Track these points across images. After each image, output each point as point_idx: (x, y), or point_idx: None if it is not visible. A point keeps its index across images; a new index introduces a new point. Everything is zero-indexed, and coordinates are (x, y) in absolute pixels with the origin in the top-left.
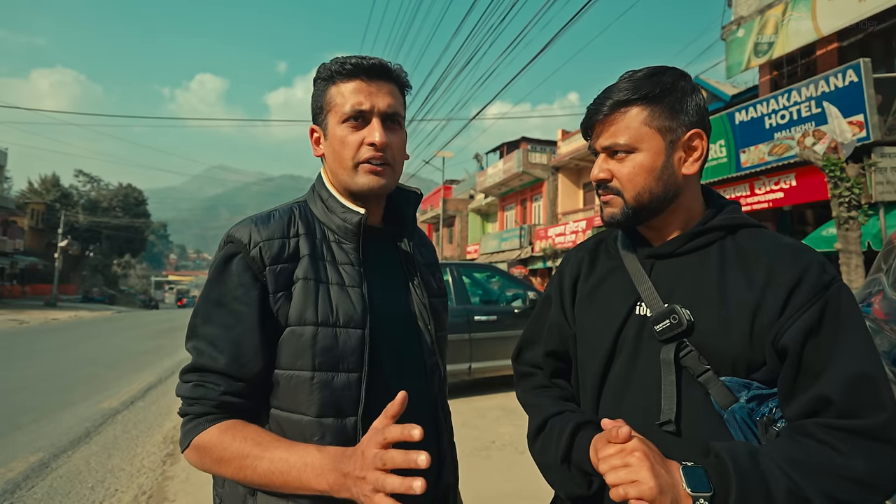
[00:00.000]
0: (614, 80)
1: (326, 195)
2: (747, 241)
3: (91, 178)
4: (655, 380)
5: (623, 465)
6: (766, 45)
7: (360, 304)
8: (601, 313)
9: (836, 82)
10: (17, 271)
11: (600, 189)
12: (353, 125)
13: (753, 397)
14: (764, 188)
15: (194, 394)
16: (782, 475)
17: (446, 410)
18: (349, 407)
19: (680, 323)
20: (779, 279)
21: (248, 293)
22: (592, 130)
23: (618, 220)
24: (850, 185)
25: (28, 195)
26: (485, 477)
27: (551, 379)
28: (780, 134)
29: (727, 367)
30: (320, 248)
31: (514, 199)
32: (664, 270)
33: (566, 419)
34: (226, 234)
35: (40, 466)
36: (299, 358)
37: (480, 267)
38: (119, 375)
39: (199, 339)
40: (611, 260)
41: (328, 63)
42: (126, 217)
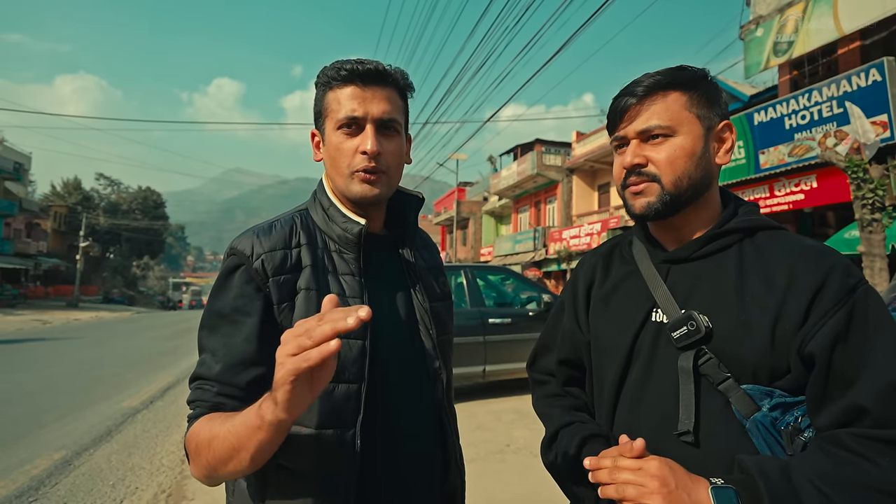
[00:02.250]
0: (629, 81)
1: (327, 203)
2: (767, 243)
3: (111, 181)
4: (673, 388)
5: (637, 484)
6: (786, 44)
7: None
8: (616, 320)
9: (858, 82)
10: (40, 272)
11: (633, 177)
12: (348, 132)
13: (777, 405)
14: (784, 190)
15: (192, 397)
16: (816, 492)
17: (451, 414)
18: (349, 418)
19: (698, 330)
20: (801, 283)
21: (250, 304)
22: (623, 115)
23: (655, 209)
24: (874, 187)
25: (51, 198)
26: (499, 480)
27: (564, 387)
28: (800, 135)
29: (748, 375)
30: (321, 259)
31: (528, 201)
32: (680, 275)
33: (574, 431)
34: (228, 246)
35: (63, 464)
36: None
37: (495, 269)
38: (139, 375)
39: (203, 351)
40: (625, 265)
41: (326, 67)
42: (145, 219)
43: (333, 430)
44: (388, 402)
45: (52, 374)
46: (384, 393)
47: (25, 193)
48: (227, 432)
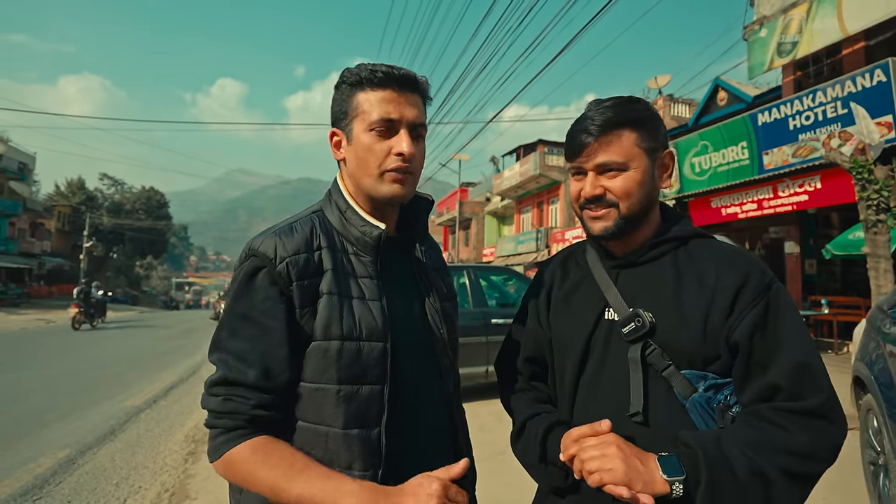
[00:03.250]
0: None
1: (344, 206)
2: (698, 249)
3: (115, 181)
4: (624, 377)
5: (600, 456)
6: (790, 44)
7: (380, 317)
8: (574, 319)
9: (863, 82)
10: (44, 272)
11: (592, 205)
12: (381, 133)
13: (710, 387)
14: (788, 191)
15: (225, 408)
16: (743, 456)
17: (461, 410)
18: (373, 418)
19: (644, 325)
20: (725, 282)
21: (275, 307)
22: (582, 151)
23: (611, 232)
24: (879, 188)
25: (55, 198)
26: (501, 481)
27: (530, 382)
28: (804, 135)
29: (685, 362)
30: (341, 262)
31: (530, 201)
32: (628, 279)
33: (540, 421)
34: (248, 247)
35: (67, 462)
36: (325, 372)
37: (497, 269)
38: (142, 374)
39: (225, 353)
40: (580, 271)
41: (355, 69)
42: (148, 219)
43: (359, 429)
44: (404, 401)
45: (55, 372)
46: (401, 392)
47: (30, 193)
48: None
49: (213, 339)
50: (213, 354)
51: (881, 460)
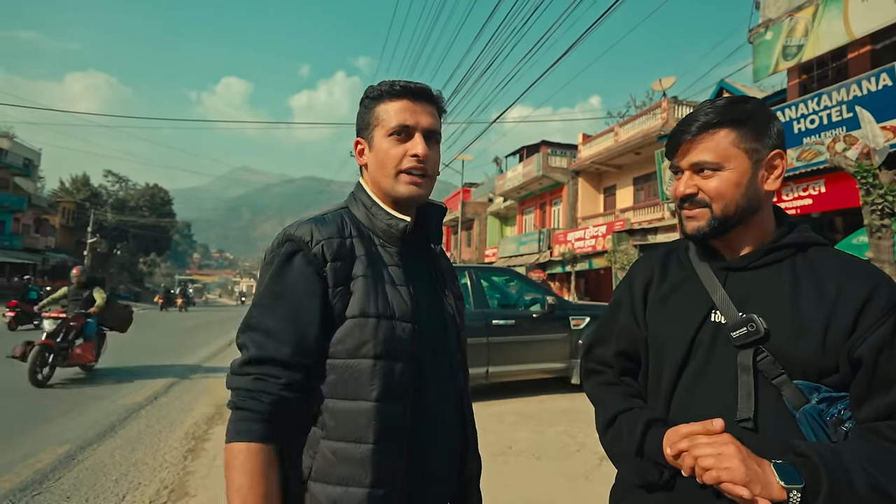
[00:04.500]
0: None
1: (370, 203)
2: (818, 258)
3: (119, 178)
4: (729, 381)
5: (716, 454)
6: (796, 47)
7: (409, 300)
8: (676, 319)
9: (868, 86)
10: (48, 268)
11: (686, 203)
12: (398, 139)
13: (823, 399)
14: (792, 194)
15: (255, 387)
16: (862, 471)
17: (469, 404)
18: (402, 394)
19: (758, 331)
20: (850, 294)
21: (312, 287)
22: (678, 149)
23: (704, 233)
24: (884, 193)
25: (59, 194)
26: (501, 482)
27: (620, 377)
28: (809, 139)
29: (799, 373)
30: (371, 250)
31: (533, 202)
32: (737, 282)
33: (636, 415)
34: (283, 234)
35: (67, 458)
36: (363, 346)
37: (499, 270)
38: (142, 371)
39: (257, 332)
40: (683, 270)
41: (377, 85)
42: (152, 216)
43: (390, 403)
44: (422, 386)
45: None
46: (422, 375)
47: (34, 189)
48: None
49: (244, 321)
50: (243, 335)
51: None
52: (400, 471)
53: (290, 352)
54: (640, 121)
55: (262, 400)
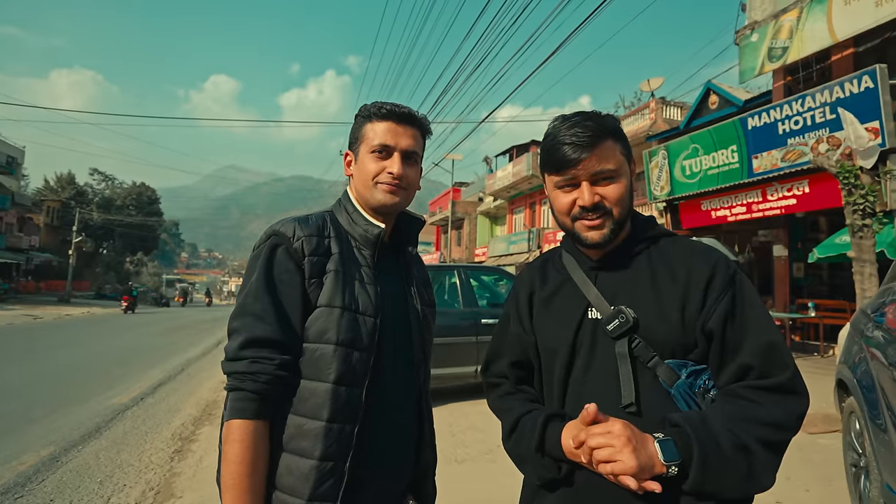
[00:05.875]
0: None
1: (352, 209)
2: (667, 247)
3: (106, 176)
4: (612, 371)
5: (607, 446)
6: (781, 49)
7: (374, 298)
8: (558, 320)
9: (851, 88)
10: (32, 267)
11: (591, 213)
12: (379, 156)
13: (691, 373)
14: (776, 194)
15: (251, 369)
16: (726, 431)
17: (428, 401)
18: (359, 380)
19: (628, 321)
20: (696, 276)
21: (293, 278)
22: (576, 161)
23: (608, 240)
24: (865, 193)
25: (44, 192)
26: (491, 480)
27: (517, 386)
28: (793, 140)
29: (668, 352)
30: (347, 251)
31: (522, 202)
32: (606, 279)
33: (536, 414)
34: (269, 230)
35: (51, 460)
36: (326, 332)
37: (488, 270)
38: (130, 372)
39: (249, 316)
40: (560, 274)
41: (368, 105)
42: (139, 215)
43: (346, 387)
44: (382, 377)
45: (42, 369)
46: (380, 368)
47: (18, 187)
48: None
49: (236, 307)
50: (236, 320)
51: (862, 462)
52: (348, 449)
53: (280, 333)
54: (629, 121)
55: (259, 380)
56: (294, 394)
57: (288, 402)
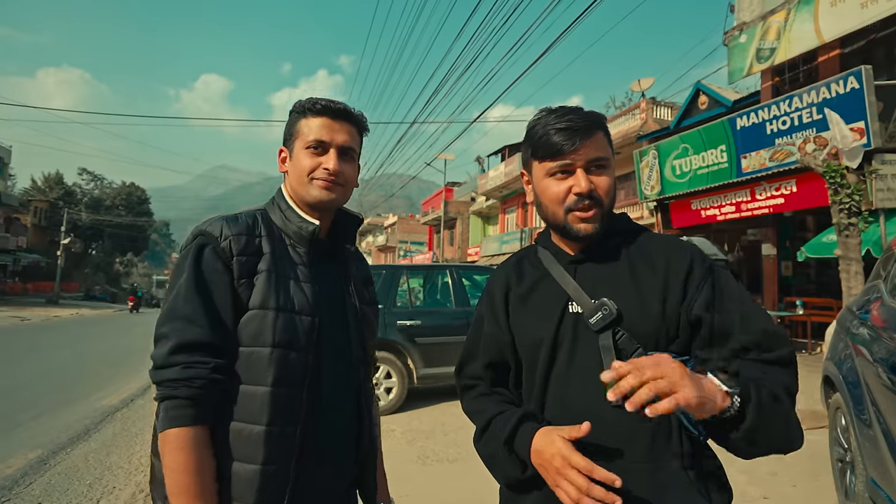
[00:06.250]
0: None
1: (285, 206)
2: (644, 241)
3: (95, 176)
4: (596, 365)
5: (663, 377)
6: (768, 50)
7: (311, 296)
8: (537, 315)
9: (837, 89)
10: (19, 268)
11: (585, 202)
12: (314, 152)
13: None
14: (765, 194)
15: (185, 374)
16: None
17: (368, 398)
18: (296, 381)
19: (611, 312)
20: (675, 268)
21: (222, 278)
22: (573, 146)
23: (597, 232)
24: (851, 192)
25: (31, 192)
26: (482, 479)
27: (492, 388)
28: (781, 140)
29: (652, 343)
30: (279, 249)
31: (515, 201)
32: (585, 273)
33: (510, 414)
34: (195, 229)
35: (39, 463)
36: (261, 335)
37: (480, 269)
38: (119, 373)
39: (179, 320)
40: (537, 270)
41: (303, 101)
42: (129, 215)
43: (286, 389)
44: (321, 376)
45: (30, 371)
46: (319, 368)
47: (5, 187)
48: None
49: (163, 312)
50: (164, 325)
51: (848, 457)
52: (291, 451)
53: (213, 336)
54: (620, 121)
55: (194, 385)
56: (232, 398)
57: (227, 408)
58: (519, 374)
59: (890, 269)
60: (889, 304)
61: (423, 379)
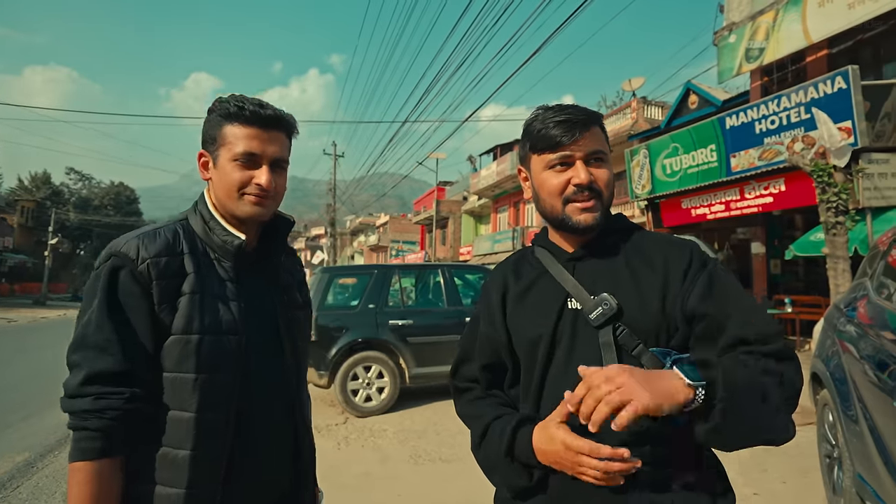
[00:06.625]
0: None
1: (209, 216)
2: (640, 239)
3: (82, 175)
4: (595, 361)
5: (615, 390)
6: (757, 50)
7: (238, 315)
8: (535, 313)
9: (825, 89)
10: (5, 269)
11: (585, 192)
12: (244, 165)
13: (675, 361)
14: (754, 192)
15: (96, 406)
16: (740, 375)
17: (303, 409)
18: (222, 403)
19: (612, 308)
20: (674, 263)
21: (140, 303)
22: (574, 138)
23: (598, 223)
24: (838, 191)
25: (18, 192)
26: (475, 478)
27: (487, 390)
28: (769, 139)
29: (652, 339)
30: (204, 265)
31: (507, 201)
32: (584, 270)
33: (507, 419)
34: (109, 248)
35: (26, 466)
36: (185, 361)
37: (472, 268)
38: None
39: (90, 349)
40: (535, 269)
41: (227, 101)
42: (117, 215)
43: (212, 414)
44: (251, 395)
45: (17, 373)
46: (248, 386)
47: None
48: None
49: (75, 337)
50: (75, 353)
51: (836, 453)
52: (217, 474)
53: (126, 364)
54: (611, 120)
55: (106, 416)
56: (157, 423)
57: (152, 432)
58: (514, 374)
59: (876, 266)
60: (875, 301)
61: (415, 378)
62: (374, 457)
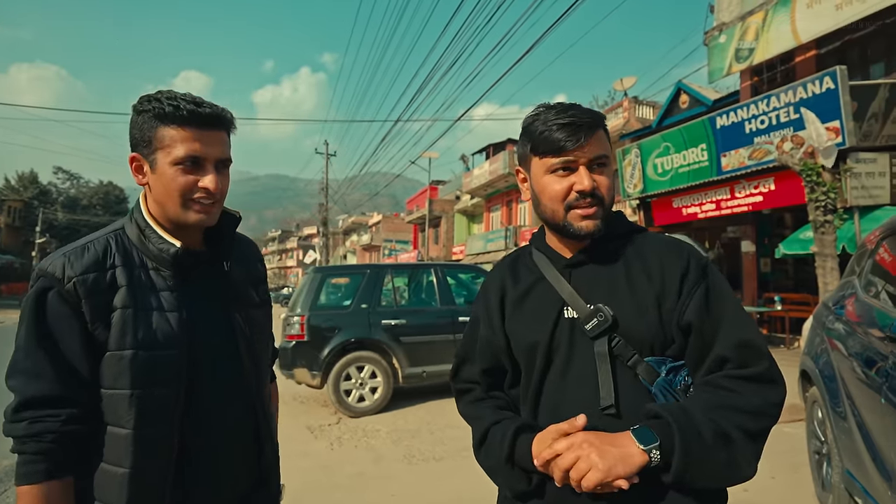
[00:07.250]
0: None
1: (144, 224)
2: (640, 243)
3: (70, 175)
4: (591, 371)
5: (575, 458)
6: (747, 51)
7: (178, 326)
8: (533, 320)
9: (813, 89)
10: None
11: (587, 199)
12: (186, 168)
13: (670, 370)
14: (744, 192)
15: (33, 430)
16: (707, 420)
17: (262, 407)
18: (165, 419)
19: (606, 319)
20: (671, 271)
21: (70, 323)
22: (578, 143)
23: (599, 230)
24: (826, 190)
25: (5, 192)
26: (469, 477)
27: (487, 392)
28: (759, 139)
29: (647, 349)
30: (138, 277)
31: (499, 200)
32: (580, 277)
33: (507, 425)
34: (37, 268)
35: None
36: (119, 378)
37: (465, 268)
38: None
39: (23, 374)
40: (532, 274)
41: (158, 100)
42: (106, 215)
43: (151, 429)
44: (206, 399)
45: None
46: (200, 392)
47: None
48: None
49: (10, 364)
50: (11, 379)
51: (824, 450)
52: (164, 488)
53: (60, 388)
54: None
55: (44, 440)
56: (100, 440)
57: (96, 449)
58: (514, 376)
59: (864, 265)
60: (863, 299)
61: (408, 378)
62: (367, 457)
